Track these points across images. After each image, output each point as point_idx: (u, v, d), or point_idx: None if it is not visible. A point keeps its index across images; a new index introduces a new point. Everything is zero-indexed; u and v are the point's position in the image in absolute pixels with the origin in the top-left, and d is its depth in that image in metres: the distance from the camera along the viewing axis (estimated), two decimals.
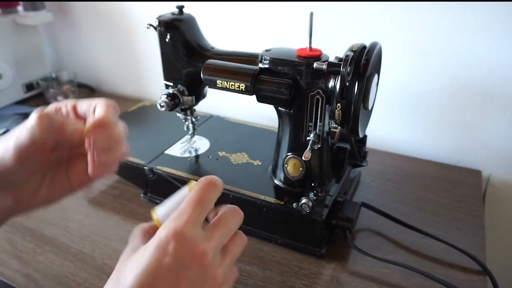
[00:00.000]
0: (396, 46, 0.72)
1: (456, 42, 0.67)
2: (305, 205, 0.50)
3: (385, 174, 0.70)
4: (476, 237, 0.56)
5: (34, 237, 0.57)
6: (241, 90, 0.51)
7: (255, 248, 0.55)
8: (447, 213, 0.61)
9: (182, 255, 0.29)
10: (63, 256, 0.54)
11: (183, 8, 0.57)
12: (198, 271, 0.30)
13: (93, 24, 1.05)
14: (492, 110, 0.70)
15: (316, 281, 0.50)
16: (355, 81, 0.44)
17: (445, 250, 0.53)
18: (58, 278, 0.50)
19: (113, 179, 0.70)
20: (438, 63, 0.70)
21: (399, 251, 0.54)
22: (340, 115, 0.46)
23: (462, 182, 0.68)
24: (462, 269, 0.51)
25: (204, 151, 0.66)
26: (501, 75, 0.66)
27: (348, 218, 0.52)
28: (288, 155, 0.54)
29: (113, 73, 1.09)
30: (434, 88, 0.73)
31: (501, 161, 0.73)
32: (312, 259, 0.53)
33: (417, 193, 0.65)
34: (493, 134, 0.72)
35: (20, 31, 0.97)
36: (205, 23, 0.62)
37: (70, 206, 0.63)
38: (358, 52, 0.45)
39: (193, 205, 0.31)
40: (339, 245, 0.55)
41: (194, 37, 0.57)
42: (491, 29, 0.64)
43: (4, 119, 0.92)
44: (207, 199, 0.32)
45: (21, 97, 1.01)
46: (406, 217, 0.58)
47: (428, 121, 0.76)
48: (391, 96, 0.76)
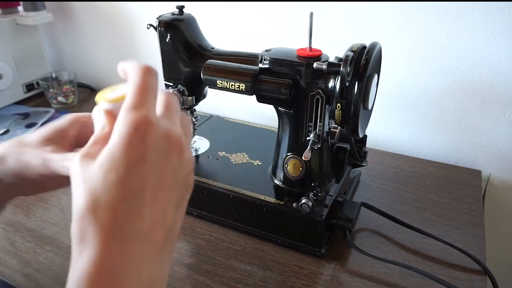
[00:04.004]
0: (396, 46, 0.72)
1: (456, 42, 0.67)
2: (305, 205, 0.50)
3: (385, 174, 0.70)
4: (476, 237, 0.56)
5: (34, 237, 0.57)
6: (241, 90, 0.51)
7: (255, 248, 0.55)
8: (447, 213, 0.61)
9: (159, 145, 0.25)
10: (63, 256, 0.54)
11: (183, 8, 0.57)
12: (178, 158, 0.26)
13: (93, 24, 1.05)
14: (492, 110, 0.70)
15: (316, 281, 0.50)
16: (355, 81, 0.44)
17: (445, 250, 0.53)
18: (58, 278, 0.51)
19: None
20: (438, 63, 0.70)
21: (399, 251, 0.54)
22: (340, 115, 0.46)
23: (462, 182, 0.68)
24: (462, 269, 0.51)
25: (204, 151, 0.66)
26: (501, 75, 0.67)
27: (348, 218, 0.52)
28: (288, 155, 0.54)
29: (113, 73, 1.09)
30: (434, 88, 0.73)
31: (501, 161, 0.73)
32: (312, 259, 0.53)
33: (417, 193, 0.65)
34: (493, 134, 0.72)
35: (20, 31, 0.97)
36: (205, 23, 0.62)
37: (70, 206, 0.63)
38: (358, 52, 0.45)
39: (144, 92, 0.26)
40: (339, 245, 0.55)
41: (194, 37, 0.57)
42: (491, 29, 0.64)
43: (4, 119, 0.92)
44: (153, 84, 0.27)
45: (21, 97, 1.01)
46: (406, 217, 0.58)
47: (428, 121, 0.76)
48: (391, 96, 0.76)
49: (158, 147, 0.25)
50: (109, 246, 0.23)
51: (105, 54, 1.08)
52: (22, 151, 0.34)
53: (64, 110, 0.97)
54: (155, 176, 0.25)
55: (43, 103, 0.99)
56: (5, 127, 0.88)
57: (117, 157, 0.24)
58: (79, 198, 0.24)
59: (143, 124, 0.24)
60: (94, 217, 0.23)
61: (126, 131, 0.24)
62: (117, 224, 0.23)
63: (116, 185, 0.23)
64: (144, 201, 0.24)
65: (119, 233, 0.23)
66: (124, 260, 0.23)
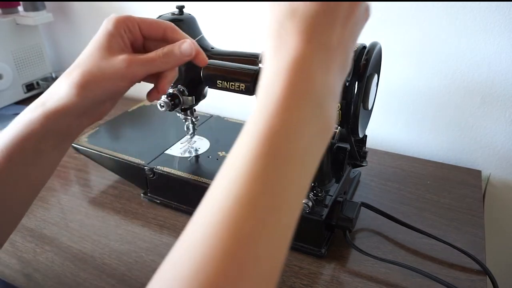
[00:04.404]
0: (396, 46, 0.72)
1: (456, 42, 0.67)
2: (305, 205, 0.50)
3: (385, 174, 0.70)
4: (476, 237, 0.56)
5: (34, 237, 0.57)
6: (241, 90, 0.51)
7: None
8: (447, 213, 0.61)
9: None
10: (63, 256, 0.54)
11: (183, 8, 0.57)
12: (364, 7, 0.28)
13: (93, 24, 1.05)
14: (492, 110, 0.70)
15: (316, 281, 0.50)
16: (355, 81, 0.44)
17: (445, 250, 0.53)
18: (58, 278, 0.51)
19: (113, 179, 0.70)
20: (438, 63, 0.70)
21: (399, 251, 0.54)
22: (340, 115, 0.46)
23: (462, 182, 0.68)
24: (462, 269, 0.51)
25: (204, 151, 0.66)
26: (501, 75, 0.67)
27: (348, 218, 0.52)
28: None
29: None
30: (434, 88, 0.73)
31: (501, 161, 0.73)
32: (312, 259, 0.53)
33: (417, 193, 0.65)
34: (493, 134, 0.72)
35: (20, 31, 0.97)
36: (205, 23, 0.62)
37: (70, 206, 0.63)
38: (358, 52, 0.45)
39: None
40: (339, 245, 0.55)
41: (194, 37, 0.57)
42: (491, 29, 0.64)
43: (4, 119, 0.92)
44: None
45: (21, 97, 1.01)
46: (406, 217, 0.58)
47: (428, 121, 0.76)
48: (391, 96, 0.76)
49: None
50: (306, 47, 0.26)
51: None
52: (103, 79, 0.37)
53: None
54: (348, 5, 0.27)
55: None
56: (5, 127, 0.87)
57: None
58: (276, 10, 0.27)
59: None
60: (292, 21, 0.26)
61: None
62: (313, 30, 0.26)
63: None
64: (337, 19, 0.27)
65: (314, 38, 0.26)
66: (316, 64, 0.26)
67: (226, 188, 0.23)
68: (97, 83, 0.36)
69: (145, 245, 0.55)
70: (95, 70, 0.36)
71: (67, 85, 0.36)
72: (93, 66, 0.37)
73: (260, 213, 0.22)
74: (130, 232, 0.58)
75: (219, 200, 0.23)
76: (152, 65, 0.38)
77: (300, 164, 0.24)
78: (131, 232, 0.58)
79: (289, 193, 0.24)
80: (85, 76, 0.36)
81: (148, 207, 0.63)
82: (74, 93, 0.36)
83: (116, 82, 0.37)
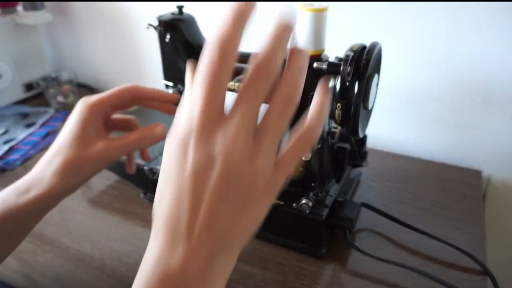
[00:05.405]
0: (396, 46, 0.72)
1: (456, 42, 0.67)
2: (305, 205, 0.50)
3: (385, 174, 0.70)
4: (476, 237, 0.56)
5: (34, 237, 0.57)
6: None
7: (255, 248, 0.55)
8: (447, 213, 0.61)
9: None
10: (63, 256, 0.54)
11: (183, 8, 0.57)
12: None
13: (93, 24, 1.05)
14: (492, 110, 0.70)
15: (316, 281, 0.50)
16: (355, 81, 0.44)
17: (445, 250, 0.53)
18: (57, 278, 0.50)
19: (113, 179, 0.70)
20: (438, 63, 0.70)
21: (399, 251, 0.54)
22: (340, 115, 0.46)
23: (462, 182, 0.68)
24: (462, 269, 0.51)
25: None
26: (501, 75, 0.66)
27: (348, 218, 0.52)
28: None
29: (113, 73, 1.09)
30: (434, 88, 0.73)
31: (501, 161, 0.73)
32: (312, 259, 0.53)
33: (417, 193, 0.65)
34: (493, 134, 0.72)
35: (20, 31, 0.97)
36: (205, 23, 0.62)
37: (70, 206, 0.63)
38: (358, 52, 0.45)
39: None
40: (339, 245, 0.55)
41: (194, 37, 0.57)
42: (491, 29, 0.64)
43: (4, 119, 0.92)
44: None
45: (21, 97, 1.01)
46: (406, 217, 0.58)
47: (428, 121, 0.76)
48: (391, 96, 0.76)
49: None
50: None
51: (105, 54, 1.08)
52: (91, 158, 0.40)
53: (63, 110, 0.96)
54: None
55: (43, 103, 0.99)
56: (4, 127, 0.88)
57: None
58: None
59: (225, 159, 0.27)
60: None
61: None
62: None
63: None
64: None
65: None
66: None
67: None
68: (78, 170, 0.40)
69: (145, 245, 0.55)
70: (75, 159, 0.40)
71: (49, 173, 0.40)
72: (73, 155, 0.40)
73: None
74: (130, 232, 0.58)
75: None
76: (128, 149, 0.43)
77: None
78: (131, 232, 0.58)
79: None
80: (65, 165, 0.39)
81: (148, 207, 0.63)
82: (57, 181, 0.39)
83: (95, 166, 0.41)
